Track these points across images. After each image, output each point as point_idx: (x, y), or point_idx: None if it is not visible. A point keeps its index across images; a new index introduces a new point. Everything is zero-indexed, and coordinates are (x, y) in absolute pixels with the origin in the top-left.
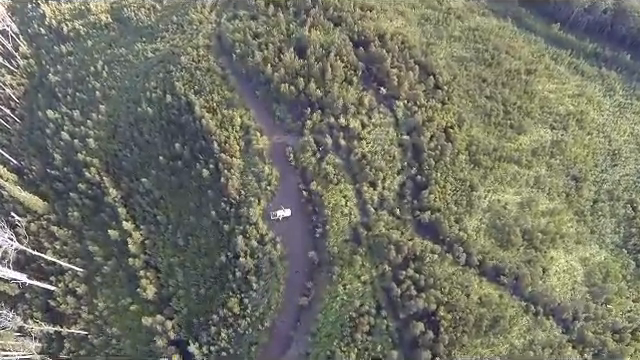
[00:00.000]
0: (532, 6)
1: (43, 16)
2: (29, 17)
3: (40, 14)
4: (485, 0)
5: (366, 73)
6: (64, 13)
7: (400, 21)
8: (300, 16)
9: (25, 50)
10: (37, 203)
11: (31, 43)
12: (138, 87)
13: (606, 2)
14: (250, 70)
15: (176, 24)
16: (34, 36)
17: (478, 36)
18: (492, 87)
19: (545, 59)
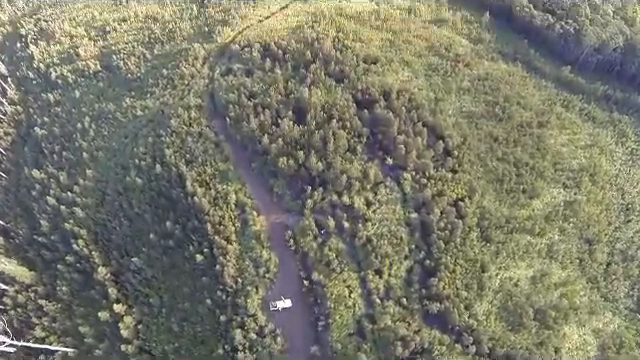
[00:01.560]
0: (541, 47)
1: (32, 58)
2: (18, 57)
3: (29, 55)
4: (493, 42)
5: (371, 139)
6: (53, 56)
7: (406, 73)
8: (299, 71)
9: (13, 95)
10: (24, 274)
11: (19, 87)
12: (127, 151)
13: (616, 41)
14: (245, 137)
15: (166, 78)
16: (22, 79)
17: (488, 86)
18: (504, 146)
19: (556, 108)
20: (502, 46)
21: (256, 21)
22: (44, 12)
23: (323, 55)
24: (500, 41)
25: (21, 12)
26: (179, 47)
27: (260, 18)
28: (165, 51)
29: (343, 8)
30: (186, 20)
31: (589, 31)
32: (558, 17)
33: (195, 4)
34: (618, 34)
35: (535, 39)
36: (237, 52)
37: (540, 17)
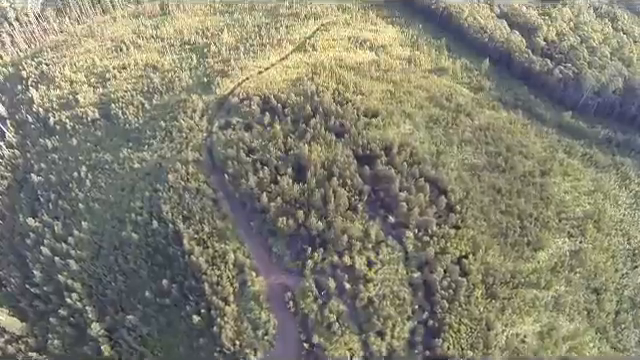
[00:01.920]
0: (541, 92)
1: (31, 101)
2: (18, 100)
3: (29, 98)
4: (494, 90)
5: (372, 197)
6: (52, 101)
7: (407, 126)
8: (299, 125)
9: (11, 138)
10: (15, 324)
11: (18, 130)
12: (123, 204)
13: (615, 83)
14: (244, 194)
15: (164, 130)
16: (21, 122)
17: (490, 137)
18: (507, 198)
19: (558, 154)
20: (503, 93)
21: (256, 72)
22: (46, 55)
23: (323, 109)
24: (500, 88)
25: (23, 53)
26: (178, 98)
27: (260, 69)
28: (164, 101)
29: (343, 59)
30: (185, 70)
31: (588, 74)
32: (557, 61)
33: (195, 54)
34: (617, 76)
35: (535, 84)
36: (236, 105)
37: (539, 62)
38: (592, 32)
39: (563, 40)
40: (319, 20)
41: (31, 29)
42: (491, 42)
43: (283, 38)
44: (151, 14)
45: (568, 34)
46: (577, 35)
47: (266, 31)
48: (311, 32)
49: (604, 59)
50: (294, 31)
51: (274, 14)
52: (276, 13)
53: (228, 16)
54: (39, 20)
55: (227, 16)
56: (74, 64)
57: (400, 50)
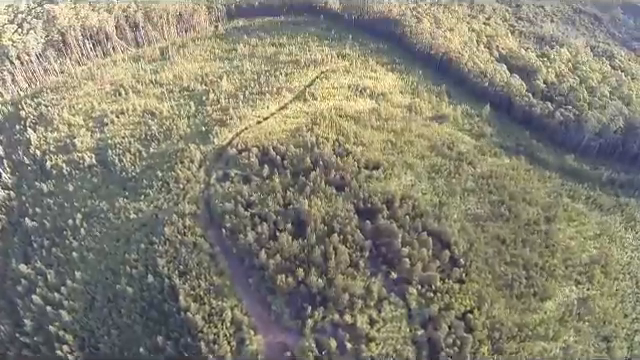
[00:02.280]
0: (542, 136)
1: (29, 143)
2: (16, 140)
3: (26, 139)
4: (495, 136)
5: (374, 252)
6: (50, 143)
7: (409, 177)
8: (299, 179)
9: (7, 179)
10: None
11: (14, 171)
12: (118, 256)
13: (616, 123)
14: (242, 250)
15: (161, 180)
16: (18, 164)
17: (492, 185)
18: (512, 248)
19: (562, 199)
20: (504, 139)
21: (254, 122)
22: (45, 96)
23: (323, 161)
24: (502, 134)
25: (24, 92)
26: (175, 147)
27: (259, 119)
28: (161, 150)
29: (343, 108)
30: (184, 117)
31: (589, 116)
32: (557, 104)
33: (193, 101)
34: (618, 115)
35: (536, 128)
36: (234, 156)
37: (540, 105)
38: (591, 72)
39: (563, 82)
40: (319, 67)
41: (32, 68)
42: (491, 86)
43: (282, 86)
44: (151, 58)
45: (567, 75)
46: (576, 76)
47: (265, 79)
48: (311, 80)
49: (604, 99)
50: (293, 79)
51: (274, 61)
52: (276, 60)
53: (228, 62)
54: (40, 60)
55: (227, 62)
56: (73, 107)
57: (400, 97)
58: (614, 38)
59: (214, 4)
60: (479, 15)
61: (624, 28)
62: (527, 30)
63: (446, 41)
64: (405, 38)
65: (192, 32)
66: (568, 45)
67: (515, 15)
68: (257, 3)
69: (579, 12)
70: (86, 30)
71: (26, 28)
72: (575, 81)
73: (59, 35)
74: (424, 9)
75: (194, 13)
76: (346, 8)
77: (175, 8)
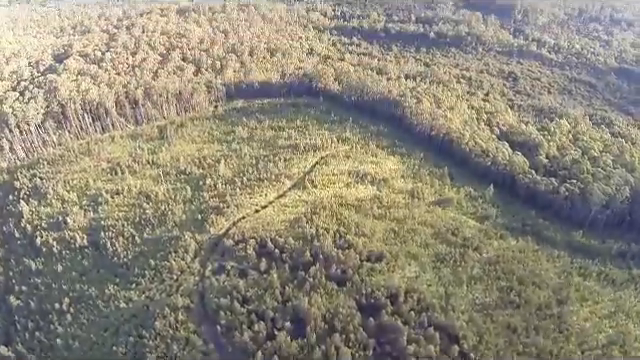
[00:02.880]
0: (548, 213)
1: (21, 215)
2: (8, 211)
3: (18, 212)
4: (500, 217)
5: (378, 351)
6: (41, 219)
7: (413, 268)
8: (298, 273)
9: None
10: None
11: (4, 244)
12: (105, 347)
13: (622, 193)
14: (237, 349)
15: (154, 269)
16: (8, 236)
17: (500, 270)
18: (523, 337)
19: (573, 279)
20: (509, 220)
21: (252, 211)
22: (41, 168)
23: (323, 255)
24: (507, 214)
25: (20, 162)
26: (170, 234)
27: (257, 207)
28: (155, 236)
29: (344, 196)
30: (179, 203)
31: (595, 188)
32: (561, 178)
33: (190, 185)
34: (623, 185)
35: (541, 205)
36: (231, 248)
37: (544, 182)
38: (592, 142)
39: (565, 154)
40: (319, 152)
41: (30, 138)
42: (494, 165)
43: (281, 173)
44: (149, 137)
45: (569, 147)
46: (578, 147)
47: (264, 164)
48: (310, 167)
49: (607, 169)
50: (293, 165)
51: (273, 145)
52: (275, 144)
53: (226, 145)
54: (39, 130)
55: (225, 145)
56: (68, 182)
57: (402, 183)
58: (611, 104)
59: (214, 84)
60: (478, 91)
61: (619, 93)
62: (525, 103)
63: (447, 121)
64: (405, 119)
65: (191, 111)
66: (567, 116)
67: (513, 89)
68: (256, 84)
69: (574, 81)
70: (86, 104)
71: (27, 97)
72: (577, 153)
73: (59, 107)
74: (424, 88)
75: (194, 93)
76: (345, 89)
77: (175, 87)
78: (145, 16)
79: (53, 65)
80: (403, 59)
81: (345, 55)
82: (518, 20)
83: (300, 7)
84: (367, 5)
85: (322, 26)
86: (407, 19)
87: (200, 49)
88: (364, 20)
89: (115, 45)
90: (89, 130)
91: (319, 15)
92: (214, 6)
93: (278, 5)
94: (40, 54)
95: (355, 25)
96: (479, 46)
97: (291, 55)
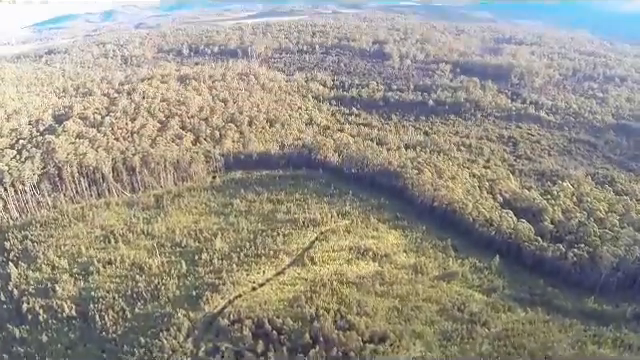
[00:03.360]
0: (557, 279)
1: (8, 278)
2: None
3: (6, 274)
4: (508, 288)
5: None
6: (30, 284)
7: (419, 348)
8: (296, 356)
9: None
10: None
11: None
12: None
13: (632, 253)
14: None
15: (144, 347)
16: None
17: (510, 345)
18: None
19: (587, 348)
20: (517, 290)
21: (249, 288)
22: (34, 230)
23: (324, 337)
24: (514, 285)
25: (13, 221)
26: (162, 310)
27: (254, 285)
28: (147, 311)
29: (344, 273)
30: (174, 277)
31: (604, 251)
32: (568, 243)
33: (185, 259)
34: (632, 245)
35: (549, 273)
36: (226, 328)
37: (551, 248)
38: (596, 202)
39: (570, 218)
40: (318, 227)
41: (25, 198)
42: (498, 235)
43: (280, 249)
44: (145, 205)
45: (574, 211)
46: (583, 209)
47: (262, 240)
48: (310, 242)
49: (615, 229)
50: (291, 241)
51: (271, 219)
52: (273, 218)
53: (223, 218)
54: (34, 191)
55: (222, 218)
56: (60, 247)
57: (404, 257)
58: (611, 161)
59: (212, 154)
60: (478, 158)
61: (619, 150)
62: (527, 168)
63: (448, 191)
64: (407, 191)
65: (189, 181)
66: (569, 177)
67: (513, 154)
68: (255, 155)
69: (574, 141)
70: (83, 167)
71: (25, 156)
72: (583, 215)
73: (56, 169)
74: (424, 158)
75: (192, 162)
76: (345, 161)
77: (173, 155)
78: (146, 82)
79: (53, 125)
80: (403, 128)
81: (344, 125)
82: (515, 84)
83: (300, 77)
84: (366, 74)
85: (321, 96)
86: (406, 87)
87: (199, 118)
88: (363, 90)
89: (115, 110)
90: (85, 194)
91: (318, 85)
92: (214, 74)
93: (278, 75)
94: (41, 113)
95: (354, 95)
96: (478, 112)
97: (290, 125)
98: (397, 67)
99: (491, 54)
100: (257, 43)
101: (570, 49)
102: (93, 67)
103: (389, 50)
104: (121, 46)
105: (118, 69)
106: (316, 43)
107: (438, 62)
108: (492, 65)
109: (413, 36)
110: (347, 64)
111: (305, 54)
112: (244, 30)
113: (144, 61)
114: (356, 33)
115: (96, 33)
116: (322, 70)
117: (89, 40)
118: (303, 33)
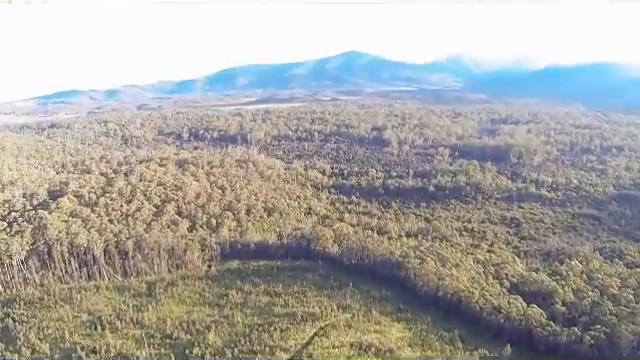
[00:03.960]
0: None
1: None
2: None
3: None
4: None
5: None
6: None
7: None
8: None
9: None
10: None
11: None
12: None
13: None
14: None
15: None
16: None
17: None
18: None
19: None
20: None
21: None
22: (17, 308)
23: None
24: None
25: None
26: None
27: None
28: None
29: None
30: None
31: (622, 330)
32: (583, 325)
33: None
34: None
35: (565, 358)
36: None
37: (565, 332)
38: (607, 278)
39: (583, 298)
40: (317, 322)
41: (11, 273)
42: (508, 322)
43: (277, 345)
44: (136, 292)
45: (585, 290)
46: (594, 287)
47: (258, 335)
48: (308, 338)
49: (631, 305)
50: (289, 336)
51: (268, 313)
52: (270, 312)
53: (218, 310)
54: (21, 267)
55: (217, 310)
56: (42, 330)
57: (409, 352)
58: (617, 233)
59: (208, 242)
60: (482, 243)
61: (623, 220)
62: (532, 249)
63: (453, 280)
64: (409, 281)
65: (183, 269)
66: (576, 255)
67: (517, 235)
68: (253, 244)
69: (578, 217)
70: (74, 247)
71: (15, 229)
72: (595, 294)
73: (46, 246)
74: (426, 247)
75: (187, 250)
76: (345, 252)
77: (167, 242)
78: (144, 164)
79: (47, 201)
80: (403, 216)
81: (344, 214)
82: (514, 163)
83: (298, 165)
84: (365, 162)
85: (320, 184)
86: (405, 174)
87: (196, 204)
88: (362, 177)
89: (111, 190)
90: (74, 275)
91: (317, 173)
92: (213, 160)
93: (277, 162)
94: (36, 187)
95: (354, 183)
96: (479, 195)
97: (289, 215)
98: (396, 153)
99: (489, 135)
100: (256, 130)
101: (566, 124)
102: (93, 145)
103: (388, 136)
104: (122, 126)
105: (118, 149)
106: (315, 130)
107: (437, 146)
108: (490, 146)
109: (411, 121)
110: (346, 151)
111: (304, 141)
112: (244, 116)
113: (144, 142)
114: (355, 120)
115: (99, 111)
116: (321, 157)
117: (92, 117)
118: (302, 120)
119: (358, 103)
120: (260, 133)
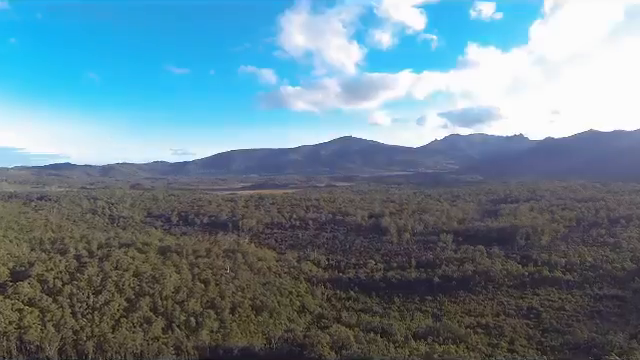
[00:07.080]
0: None
1: None
2: None
3: None
4: None
5: None
6: None
7: None
8: None
9: None
10: None
11: None
12: None
13: None
14: None
15: None
16: None
17: None
18: None
19: None
20: None
21: None
22: None
23: None
24: None
25: None
26: None
27: None
28: None
29: None
30: None
31: None
32: None
33: None
34: None
35: None
36: None
37: None
38: None
39: None
40: None
41: None
42: None
43: None
44: None
45: None
46: None
47: None
48: None
49: None
50: None
51: None
52: None
53: None
54: None
55: None
56: None
57: None
58: None
59: (184, 347)
60: (501, 342)
61: None
62: (558, 343)
63: None
64: None
65: None
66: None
67: (538, 328)
68: (236, 350)
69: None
70: (24, 343)
71: None
72: None
73: None
74: (440, 353)
75: (159, 354)
76: None
77: (136, 344)
78: (123, 248)
79: (6, 283)
80: (408, 312)
81: (341, 312)
82: (522, 245)
83: (291, 256)
84: (363, 252)
85: (315, 278)
86: (407, 264)
87: (174, 300)
88: (361, 269)
89: (80, 278)
90: None
91: (312, 265)
92: (199, 249)
93: (268, 253)
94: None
95: (351, 276)
96: (489, 284)
97: (280, 314)
98: (396, 242)
99: (491, 217)
100: (248, 217)
101: (567, 198)
102: (79, 222)
103: (386, 224)
104: (112, 204)
105: (103, 228)
106: (309, 218)
107: (438, 232)
108: (495, 229)
109: (409, 206)
110: (342, 241)
111: (298, 230)
112: (236, 202)
113: (131, 224)
114: (350, 207)
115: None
116: (316, 248)
117: (82, 193)
118: (296, 207)
119: (353, 189)
120: (252, 221)
